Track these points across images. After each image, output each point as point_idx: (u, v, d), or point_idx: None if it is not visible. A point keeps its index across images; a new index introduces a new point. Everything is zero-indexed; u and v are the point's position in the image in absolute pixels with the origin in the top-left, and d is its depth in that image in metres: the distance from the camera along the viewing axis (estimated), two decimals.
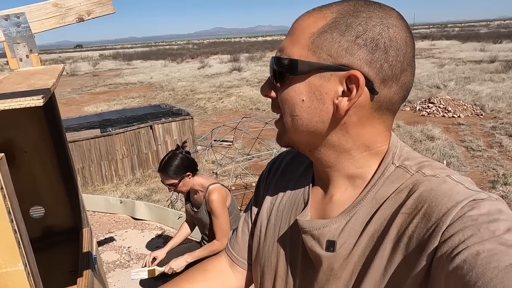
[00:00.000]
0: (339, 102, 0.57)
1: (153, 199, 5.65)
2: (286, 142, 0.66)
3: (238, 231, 0.88)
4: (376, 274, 0.56)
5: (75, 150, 6.04)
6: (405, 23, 0.57)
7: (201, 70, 25.11)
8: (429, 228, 0.51)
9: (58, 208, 1.67)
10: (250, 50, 42.39)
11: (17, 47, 1.31)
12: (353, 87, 0.55)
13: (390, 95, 0.58)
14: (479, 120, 8.99)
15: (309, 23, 0.58)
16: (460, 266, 0.43)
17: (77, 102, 15.51)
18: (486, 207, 0.49)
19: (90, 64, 36.33)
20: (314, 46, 0.56)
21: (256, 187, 0.88)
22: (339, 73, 0.56)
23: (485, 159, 6.53)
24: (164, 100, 14.04)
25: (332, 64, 0.55)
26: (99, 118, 7.70)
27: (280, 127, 0.65)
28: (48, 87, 0.63)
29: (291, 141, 0.65)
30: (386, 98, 0.58)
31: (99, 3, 1.37)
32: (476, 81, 13.56)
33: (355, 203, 0.61)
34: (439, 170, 0.58)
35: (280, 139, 0.67)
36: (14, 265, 0.50)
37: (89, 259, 1.39)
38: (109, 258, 3.58)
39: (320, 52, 0.56)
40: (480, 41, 33.59)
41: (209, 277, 0.84)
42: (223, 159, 6.78)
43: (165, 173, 2.28)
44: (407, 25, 0.58)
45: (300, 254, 0.68)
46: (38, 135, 1.54)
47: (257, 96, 13.68)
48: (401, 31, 0.56)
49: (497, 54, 20.69)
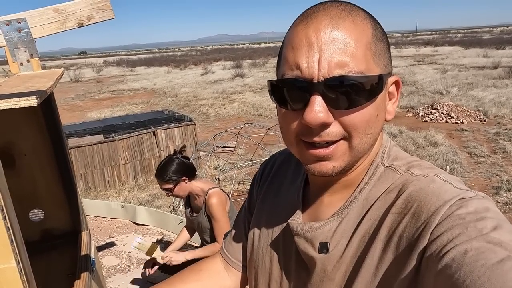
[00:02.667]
0: (390, 107, 0.60)
1: (155, 205, 5.65)
2: (341, 169, 0.58)
3: (232, 233, 0.89)
4: (367, 274, 0.56)
5: (78, 156, 6.07)
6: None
7: (204, 76, 25.22)
8: (419, 227, 0.51)
9: (57, 211, 1.68)
10: (253, 57, 42.56)
11: (18, 51, 1.33)
12: (394, 90, 0.60)
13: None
14: (482, 126, 8.95)
15: (359, 31, 0.53)
16: (449, 265, 0.44)
17: (81, 108, 15.61)
18: (473, 206, 0.49)
19: (94, 70, 36.60)
20: (376, 57, 0.55)
21: (250, 189, 0.89)
22: (389, 80, 0.58)
23: (489, 165, 6.49)
24: (167, 106, 14.10)
25: (388, 72, 0.57)
26: (102, 124, 7.75)
27: (339, 154, 0.56)
28: (44, 89, 0.65)
29: (351, 163, 0.58)
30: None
31: (99, 9, 1.39)
32: (479, 87, 13.53)
33: (346, 204, 0.62)
34: (428, 169, 0.58)
35: (335, 170, 0.57)
36: (7, 262, 0.50)
37: (88, 262, 1.39)
38: (110, 263, 3.58)
39: (380, 63, 0.55)
40: (483, 47, 33.53)
41: (203, 277, 0.84)
42: (225, 165, 6.79)
43: (161, 178, 2.31)
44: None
45: (293, 257, 0.69)
46: (38, 138, 1.55)
47: (260, 102, 13.71)
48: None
49: (500, 60, 20.63)
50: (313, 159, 0.57)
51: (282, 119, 0.59)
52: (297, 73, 0.54)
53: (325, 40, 0.52)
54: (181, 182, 2.33)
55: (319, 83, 0.52)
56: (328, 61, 0.52)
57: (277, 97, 0.58)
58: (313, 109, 0.52)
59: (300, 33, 0.54)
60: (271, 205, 0.78)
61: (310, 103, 0.53)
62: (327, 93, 0.52)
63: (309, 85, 0.53)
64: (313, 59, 0.52)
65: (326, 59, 0.52)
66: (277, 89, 0.57)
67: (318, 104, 0.52)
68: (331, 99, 0.53)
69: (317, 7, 0.56)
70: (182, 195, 2.41)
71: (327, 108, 0.53)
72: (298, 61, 0.53)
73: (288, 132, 0.58)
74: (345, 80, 0.52)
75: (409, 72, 18.88)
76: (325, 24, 0.53)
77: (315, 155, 0.56)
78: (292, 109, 0.56)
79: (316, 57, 0.52)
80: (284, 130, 0.60)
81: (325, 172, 0.57)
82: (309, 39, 0.53)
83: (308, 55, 0.53)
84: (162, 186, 2.34)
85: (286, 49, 0.56)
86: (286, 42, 0.57)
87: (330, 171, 0.57)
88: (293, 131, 0.57)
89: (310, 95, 0.53)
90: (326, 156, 0.56)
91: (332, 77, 0.52)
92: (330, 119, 0.53)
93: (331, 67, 0.52)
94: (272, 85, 0.58)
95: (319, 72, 0.52)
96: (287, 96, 0.56)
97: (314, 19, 0.54)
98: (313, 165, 0.58)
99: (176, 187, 2.32)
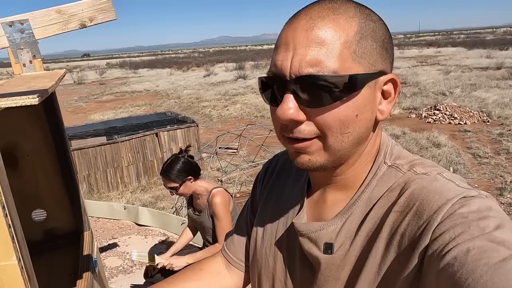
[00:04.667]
0: (383, 107, 0.58)
1: (158, 206, 5.66)
2: (320, 164, 0.58)
3: (234, 232, 0.89)
4: (370, 272, 0.56)
5: (81, 158, 6.09)
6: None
7: (206, 78, 25.28)
8: (421, 225, 0.51)
9: (60, 211, 1.69)
10: (255, 58, 42.64)
11: (21, 52, 1.34)
12: (391, 89, 0.58)
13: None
14: (485, 127, 8.93)
15: (337, 30, 0.53)
16: (451, 263, 0.43)
17: (84, 110, 15.68)
18: (476, 204, 0.49)
19: (97, 72, 36.76)
20: (357, 55, 0.53)
21: (253, 189, 0.89)
22: (380, 79, 0.56)
23: (492, 166, 6.47)
24: (169, 108, 14.14)
25: (376, 71, 0.56)
26: (105, 126, 7.78)
27: (313, 149, 0.57)
28: (46, 88, 0.65)
29: (329, 161, 0.58)
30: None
31: (101, 10, 1.40)
32: (482, 88, 13.49)
33: (349, 204, 0.62)
34: (430, 168, 0.58)
35: (312, 163, 0.58)
36: (8, 259, 0.50)
37: (90, 262, 1.40)
38: (112, 264, 3.59)
39: (364, 62, 0.54)
40: (486, 48, 33.45)
41: (204, 276, 0.84)
42: (228, 166, 6.79)
43: (167, 177, 2.30)
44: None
45: (297, 257, 0.68)
46: (40, 139, 1.56)
47: (262, 103, 13.72)
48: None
49: (504, 60, 20.58)
50: (293, 151, 0.59)
51: (271, 114, 0.61)
52: (275, 70, 0.56)
53: (300, 39, 0.53)
54: (187, 181, 2.33)
55: (290, 81, 0.54)
56: (299, 60, 0.52)
57: (263, 94, 0.60)
58: (283, 106, 0.54)
59: (282, 32, 0.56)
60: (275, 204, 0.77)
61: (282, 100, 0.55)
62: (298, 92, 0.53)
63: (283, 82, 0.55)
64: (287, 58, 0.54)
65: (298, 57, 0.53)
66: (261, 86, 0.60)
67: (289, 101, 0.54)
68: (301, 98, 0.54)
69: (304, 7, 0.57)
70: (187, 194, 2.40)
71: (298, 106, 0.54)
72: (275, 59, 0.56)
73: (276, 127, 0.60)
74: (313, 79, 0.52)
75: (412, 73, 18.85)
76: (302, 23, 0.54)
77: (293, 147, 0.58)
78: (274, 105, 0.58)
79: (290, 56, 0.53)
80: (274, 125, 0.62)
81: (303, 163, 0.59)
82: (287, 38, 0.55)
83: (284, 53, 0.54)
84: (167, 185, 2.34)
85: (274, 48, 0.59)
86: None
87: (307, 163, 0.58)
88: (278, 126, 0.59)
89: (283, 93, 0.55)
90: (301, 148, 0.57)
91: (300, 76, 0.53)
92: (300, 117, 0.55)
93: (302, 66, 0.52)
94: (260, 82, 0.60)
95: (291, 70, 0.53)
96: (270, 93, 0.58)
97: (296, 19, 0.55)
98: (295, 158, 0.59)
99: (182, 186, 2.32)
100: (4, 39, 1.32)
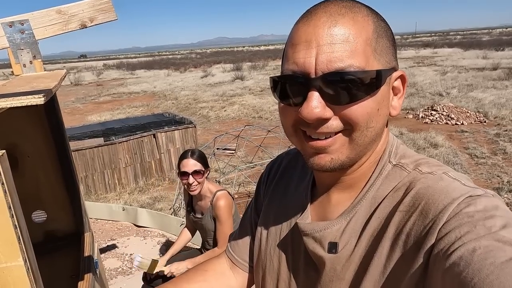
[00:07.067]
0: (395, 103, 0.60)
1: (156, 207, 5.64)
2: (341, 163, 0.58)
3: (238, 233, 0.89)
4: (376, 272, 0.56)
5: (79, 159, 6.06)
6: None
7: (204, 79, 25.24)
8: (426, 225, 0.51)
9: (60, 213, 1.68)
10: (253, 59, 42.63)
11: (21, 53, 1.33)
12: (400, 85, 0.60)
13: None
14: (482, 127, 8.96)
15: (358, 28, 0.54)
16: (457, 262, 0.43)
17: (81, 112, 15.61)
18: (482, 204, 0.49)
19: (94, 74, 36.62)
20: (377, 53, 0.55)
21: (256, 189, 0.89)
22: (392, 75, 0.58)
23: (489, 166, 6.49)
24: (167, 109, 14.11)
25: (390, 68, 0.58)
26: (103, 127, 7.75)
27: (336, 147, 0.56)
28: (50, 88, 0.65)
29: (351, 157, 0.58)
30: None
31: (101, 10, 1.40)
32: (479, 88, 13.54)
33: (354, 203, 0.62)
34: (436, 167, 0.58)
35: (334, 162, 0.57)
36: (14, 260, 0.50)
37: (91, 263, 1.39)
38: (111, 265, 3.58)
39: (381, 59, 0.56)
40: (482, 49, 33.57)
41: (208, 277, 0.84)
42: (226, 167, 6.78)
43: (199, 158, 2.30)
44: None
45: (302, 256, 0.68)
46: (41, 140, 1.55)
47: (260, 104, 13.72)
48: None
49: (500, 61, 20.67)
50: (312, 152, 0.58)
51: (282, 113, 0.60)
52: (295, 68, 0.55)
53: (323, 36, 0.53)
54: (206, 173, 2.35)
55: (316, 78, 0.53)
56: (326, 57, 0.52)
57: (278, 93, 0.59)
58: (309, 105, 0.53)
59: (300, 30, 0.56)
60: (279, 205, 0.77)
61: (307, 98, 0.54)
62: (324, 89, 0.53)
63: (307, 80, 0.54)
64: (310, 55, 0.53)
65: (323, 54, 0.52)
66: (277, 84, 0.59)
67: (315, 99, 0.53)
68: (328, 94, 0.53)
69: (319, 5, 0.57)
70: (201, 186, 2.33)
71: (324, 104, 0.54)
72: (296, 57, 0.55)
73: (287, 124, 0.60)
74: (343, 75, 0.52)
75: (409, 74, 18.89)
76: (323, 20, 0.54)
77: (313, 147, 0.57)
78: (291, 104, 0.57)
79: (313, 53, 0.53)
80: (284, 124, 0.61)
81: (323, 165, 0.57)
82: (307, 35, 0.54)
83: (306, 51, 0.53)
84: (191, 168, 2.26)
85: (288, 46, 0.58)
86: (288, 39, 0.59)
87: (329, 163, 0.57)
88: (292, 121, 0.58)
89: (308, 91, 0.54)
90: (323, 147, 0.56)
91: (329, 72, 0.52)
92: (327, 114, 0.54)
93: (329, 63, 0.52)
94: (273, 81, 0.59)
95: (316, 67, 0.53)
96: (287, 91, 0.57)
97: (314, 16, 0.55)
98: (312, 158, 0.58)
99: (204, 175, 2.32)
100: (4, 39, 1.32)
